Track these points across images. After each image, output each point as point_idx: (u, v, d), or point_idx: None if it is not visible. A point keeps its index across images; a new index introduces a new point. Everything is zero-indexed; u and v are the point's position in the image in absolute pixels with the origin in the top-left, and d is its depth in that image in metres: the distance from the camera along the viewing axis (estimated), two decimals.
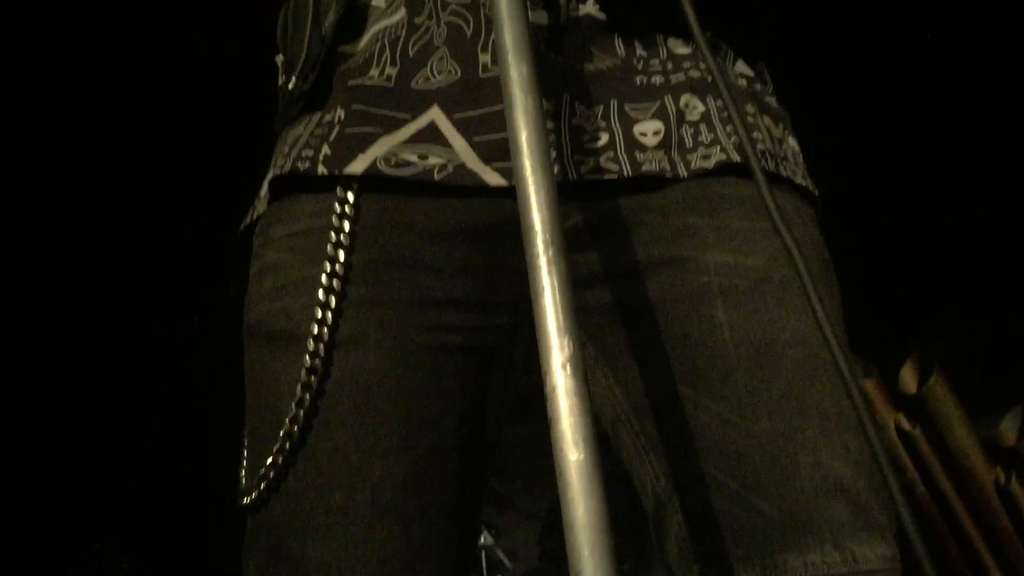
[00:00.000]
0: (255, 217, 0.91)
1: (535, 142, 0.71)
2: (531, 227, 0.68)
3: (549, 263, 0.67)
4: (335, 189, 0.85)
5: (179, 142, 2.41)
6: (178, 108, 2.36)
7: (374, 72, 0.89)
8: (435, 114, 0.86)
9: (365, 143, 0.85)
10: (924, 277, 2.60)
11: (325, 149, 0.85)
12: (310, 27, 0.92)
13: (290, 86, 0.92)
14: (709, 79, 0.89)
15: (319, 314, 0.81)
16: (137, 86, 2.32)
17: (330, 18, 0.90)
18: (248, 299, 0.88)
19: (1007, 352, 2.61)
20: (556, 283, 0.66)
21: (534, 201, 0.69)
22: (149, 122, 2.39)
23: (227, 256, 0.98)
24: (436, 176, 0.83)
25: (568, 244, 0.69)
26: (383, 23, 0.91)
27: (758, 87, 0.92)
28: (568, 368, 0.63)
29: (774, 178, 0.86)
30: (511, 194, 0.71)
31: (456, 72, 0.86)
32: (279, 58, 0.98)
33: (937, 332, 2.57)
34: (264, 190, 0.91)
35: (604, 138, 0.85)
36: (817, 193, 0.91)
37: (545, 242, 0.67)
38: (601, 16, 0.89)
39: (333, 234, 0.84)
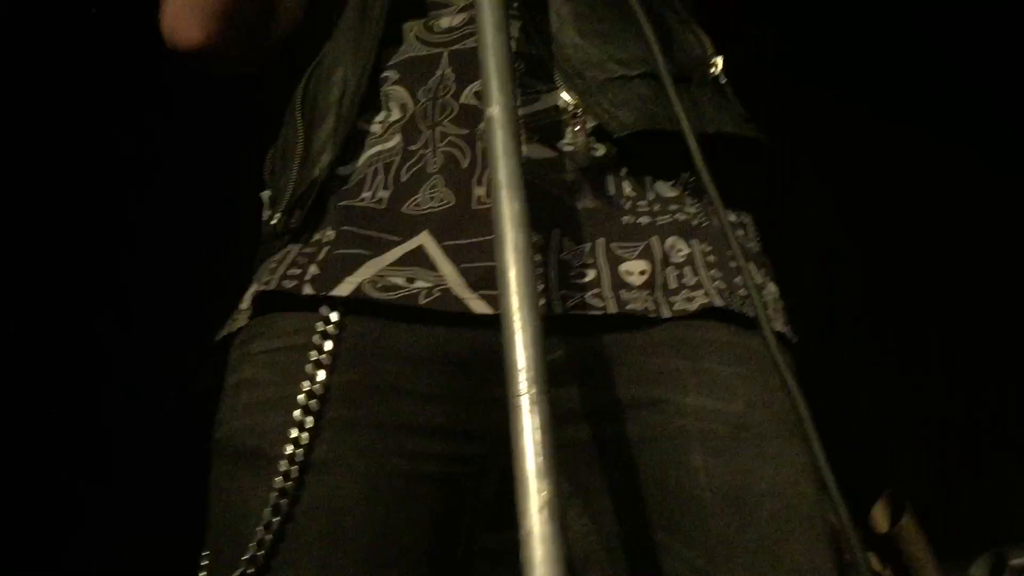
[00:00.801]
0: (234, 329, 0.91)
1: (523, 279, 0.71)
2: (514, 364, 0.68)
3: (531, 403, 0.66)
4: (319, 308, 0.85)
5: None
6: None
7: (366, 194, 0.90)
8: (424, 239, 0.87)
9: (353, 265, 0.85)
10: (898, 417, 2.61)
11: (313, 269, 0.86)
12: (297, 165, 0.94)
13: (273, 222, 0.93)
14: (694, 222, 0.91)
15: (293, 434, 0.80)
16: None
17: (324, 159, 0.91)
18: (220, 414, 0.87)
19: (978, 495, 2.61)
20: (537, 424, 0.66)
21: (519, 338, 0.69)
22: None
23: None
24: (422, 300, 0.83)
25: (550, 378, 0.69)
26: (378, 148, 0.93)
27: (740, 232, 0.94)
28: (545, 513, 0.62)
29: (756, 324, 0.87)
30: (497, 323, 0.71)
31: (450, 200, 0.87)
32: (265, 194, 1.00)
33: (910, 473, 2.57)
34: (246, 303, 0.91)
35: (591, 274, 0.86)
36: (795, 341, 0.91)
37: (528, 380, 0.67)
38: (593, 153, 0.91)
39: (314, 353, 0.83)
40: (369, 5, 0.99)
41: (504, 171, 0.75)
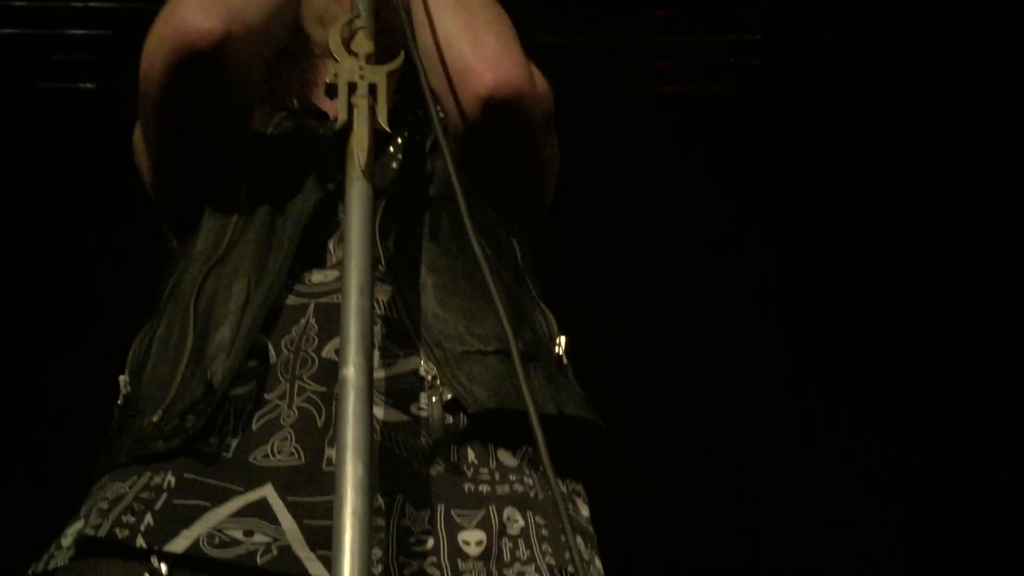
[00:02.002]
0: (50, 568, 0.86)
1: (359, 545, 0.71)
2: None
3: None
4: (150, 559, 0.83)
5: None
6: None
7: (214, 440, 0.89)
8: (268, 491, 0.86)
9: (191, 518, 0.84)
10: None
11: (148, 519, 0.84)
12: (187, 360, 0.92)
13: (155, 418, 0.90)
14: (531, 494, 0.93)
15: None
16: None
17: (219, 370, 0.90)
18: None
19: None
20: None
21: None
22: None
23: None
24: (259, 560, 0.82)
25: None
26: (232, 392, 0.93)
27: (571, 506, 0.97)
28: None
29: None
30: None
31: (299, 457, 0.88)
32: (123, 378, 0.98)
33: None
34: (68, 541, 0.87)
35: (429, 542, 0.86)
36: None
37: None
38: (447, 423, 0.93)
39: None
40: (279, 227, 1.01)
41: (352, 434, 0.76)
